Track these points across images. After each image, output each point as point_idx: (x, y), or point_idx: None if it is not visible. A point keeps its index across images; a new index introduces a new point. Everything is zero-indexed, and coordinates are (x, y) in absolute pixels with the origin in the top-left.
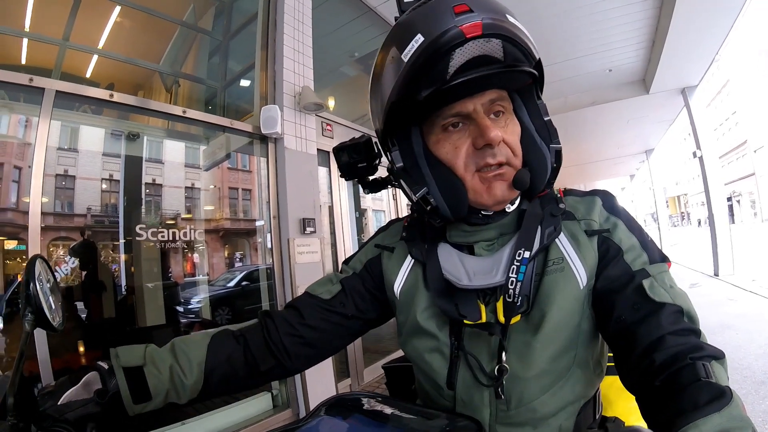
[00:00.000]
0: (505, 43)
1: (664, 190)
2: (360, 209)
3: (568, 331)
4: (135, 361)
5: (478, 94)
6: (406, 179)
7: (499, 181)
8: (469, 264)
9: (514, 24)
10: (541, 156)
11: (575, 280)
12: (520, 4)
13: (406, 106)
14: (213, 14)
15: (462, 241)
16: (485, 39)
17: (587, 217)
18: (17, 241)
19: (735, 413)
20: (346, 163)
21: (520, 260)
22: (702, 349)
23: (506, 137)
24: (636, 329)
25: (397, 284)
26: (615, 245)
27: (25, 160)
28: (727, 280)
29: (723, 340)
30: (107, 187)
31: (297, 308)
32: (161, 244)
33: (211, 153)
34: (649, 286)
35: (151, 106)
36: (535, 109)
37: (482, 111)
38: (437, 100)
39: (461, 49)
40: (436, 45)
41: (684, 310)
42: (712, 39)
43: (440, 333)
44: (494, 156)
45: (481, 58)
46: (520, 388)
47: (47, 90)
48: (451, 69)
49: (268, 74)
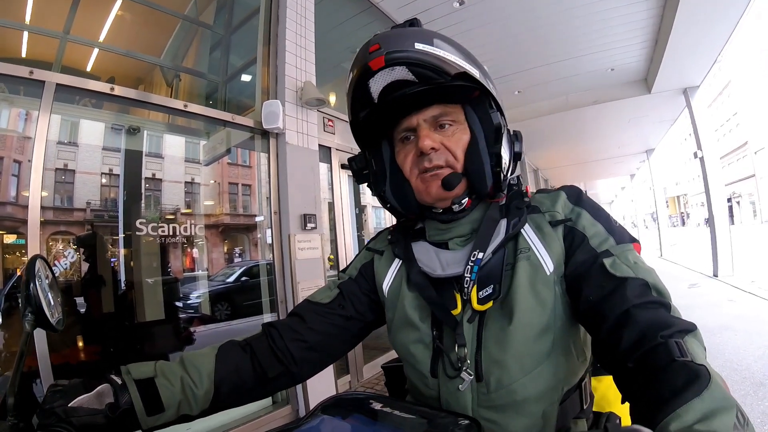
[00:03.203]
0: (411, 68)
1: (664, 190)
2: (360, 205)
3: (540, 314)
4: (146, 374)
5: (422, 109)
6: (374, 182)
7: (434, 181)
8: (443, 257)
9: (420, 50)
10: (478, 160)
11: (541, 266)
12: (522, 3)
13: (365, 125)
14: (215, 8)
15: (438, 239)
16: (390, 68)
17: (551, 209)
18: (16, 236)
19: (717, 394)
20: (355, 170)
21: (474, 261)
22: (672, 324)
23: (449, 144)
24: (602, 305)
25: (386, 284)
26: (579, 233)
27: (24, 154)
28: (727, 281)
29: (722, 341)
30: (107, 182)
31: (299, 315)
32: (161, 239)
33: (212, 148)
34: (611, 264)
35: (152, 100)
36: (487, 118)
37: (424, 124)
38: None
39: (373, 79)
40: (356, 77)
41: (650, 284)
42: (714, 39)
43: (422, 325)
44: (430, 161)
45: (398, 83)
46: (498, 370)
47: (47, 83)
48: (374, 94)
49: (270, 69)
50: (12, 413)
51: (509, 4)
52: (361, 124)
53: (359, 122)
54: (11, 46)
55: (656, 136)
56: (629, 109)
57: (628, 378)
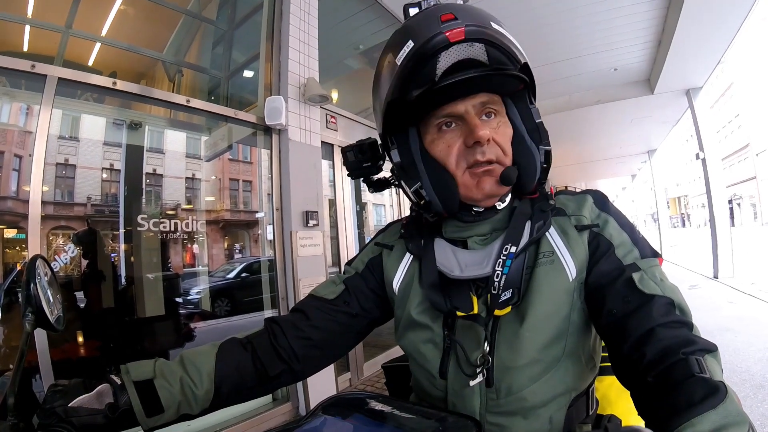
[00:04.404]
0: (489, 47)
1: (665, 191)
2: (361, 203)
3: (556, 321)
4: (145, 375)
5: (470, 96)
6: (402, 175)
7: (487, 177)
8: (461, 257)
9: (497, 30)
10: (530, 156)
11: (564, 272)
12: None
13: (402, 107)
14: (217, 3)
15: (456, 237)
16: (468, 43)
17: (578, 213)
18: (17, 230)
19: (731, 409)
20: (352, 163)
21: (506, 254)
22: (694, 342)
23: (496, 137)
24: (626, 322)
25: (396, 280)
26: (606, 241)
27: (25, 148)
28: (727, 282)
29: (722, 343)
30: (108, 177)
31: (302, 311)
32: (162, 235)
33: (213, 144)
34: (639, 279)
35: (154, 95)
36: (528, 113)
37: (473, 112)
38: (431, 101)
39: (446, 53)
40: (424, 49)
41: (675, 303)
42: (718, 40)
43: (434, 324)
44: (483, 153)
45: (467, 62)
46: (509, 377)
47: (49, 77)
48: (438, 71)
49: (273, 65)
50: (12, 413)
51: (511, 4)
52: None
53: (405, 103)
54: (13, 40)
55: (658, 136)
56: (632, 110)
57: (646, 392)
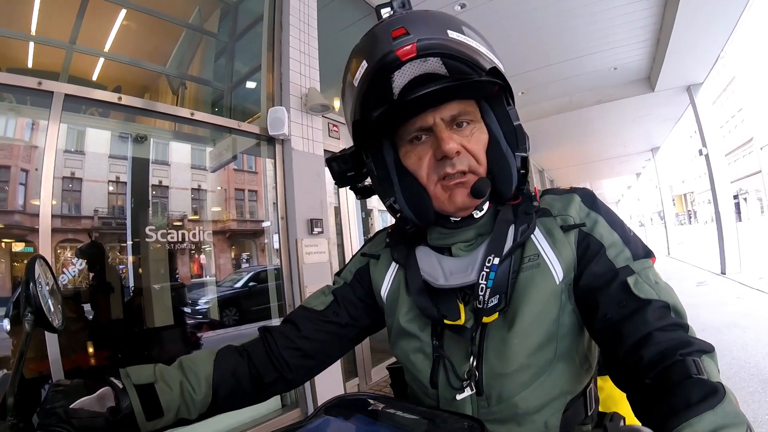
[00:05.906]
0: (446, 60)
1: (671, 189)
2: (366, 210)
3: (545, 325)
4: (146, 378)
5: (440, 106)
6: (378, 189)
7: (459, 189)
8: (446, 264)
9: (454, 39)
10: (505, 163)
11: (550, 274)
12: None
13: (370, 124)
14: (219, 16)
15: (441, 243)
16: (422, 59)
17: (563, 213)
18: (25, 243)
19: (729, 410)
20: (337, 172)
21: (489, 266)
22: (691, 344)
23: (469, 146)
24: (622, 327)
25: (384, 289)
26: (596, 241)
27: (32, 162)
28: (734, 278)
29: (730, 339)
30: (114, 189)
31: (293, 322)
32: (169, 246)
33: (218, 155)
34: (634, 283)
35: (159, 109)
36: (505, 116)
37: (442, 124)
38: (398, 115)
39: (400, 72)
40: (376, 69)
41: (670, 305)
42: (717, 35)
43: (422, 334)
44: (453, 166)
45: (426, 76)
46: (499, 385)
47: (56, 93)
48: (395, 89)
49: (275, 75)
50: (12, 413)
51: (510, 6)
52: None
53: (368, 122)
54: (18, 57)
55: (661, 134)
56: (633, 108)
57: (644, 394)
